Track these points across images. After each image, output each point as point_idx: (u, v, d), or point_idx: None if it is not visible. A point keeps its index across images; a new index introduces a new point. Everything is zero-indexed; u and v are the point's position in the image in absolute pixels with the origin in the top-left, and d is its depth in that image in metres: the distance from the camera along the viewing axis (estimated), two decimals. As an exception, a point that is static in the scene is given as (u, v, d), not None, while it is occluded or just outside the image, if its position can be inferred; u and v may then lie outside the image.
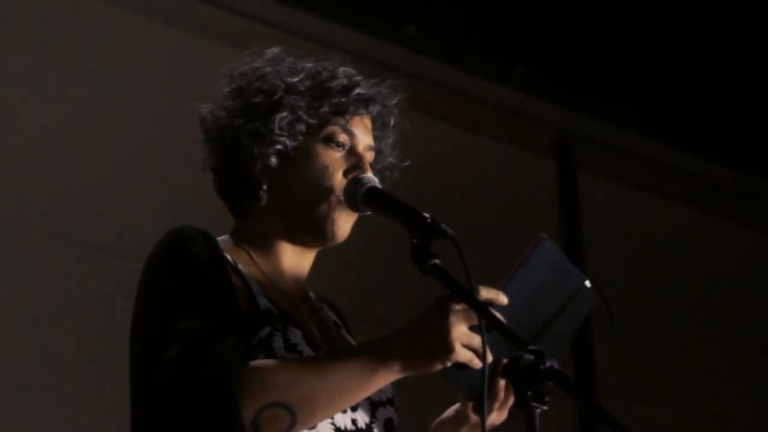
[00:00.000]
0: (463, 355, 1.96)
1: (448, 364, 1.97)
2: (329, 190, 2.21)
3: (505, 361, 2.00)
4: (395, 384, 2.10)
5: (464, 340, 1.96)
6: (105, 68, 4.57)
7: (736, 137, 6.06)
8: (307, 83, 2.24)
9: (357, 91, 2.26)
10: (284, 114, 2.21)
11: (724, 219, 6.32)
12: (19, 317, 4.23)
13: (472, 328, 1.97)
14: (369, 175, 2.21)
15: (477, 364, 1.96)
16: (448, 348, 1.96)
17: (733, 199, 6.31)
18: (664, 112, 5.88)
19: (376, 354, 2.00)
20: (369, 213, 2.21)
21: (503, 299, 2.03)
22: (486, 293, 2.02)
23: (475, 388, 1.99)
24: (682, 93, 5.80)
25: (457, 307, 1.97)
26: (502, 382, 2.08)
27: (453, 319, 1.96)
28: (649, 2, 5.45)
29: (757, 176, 6.24)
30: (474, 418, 2.20)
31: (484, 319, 1.95)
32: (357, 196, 2.18)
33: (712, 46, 5.63)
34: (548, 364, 1.89)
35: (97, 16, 4.63)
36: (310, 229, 2.23)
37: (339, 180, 2.21)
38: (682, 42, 5.60)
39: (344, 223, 2.22)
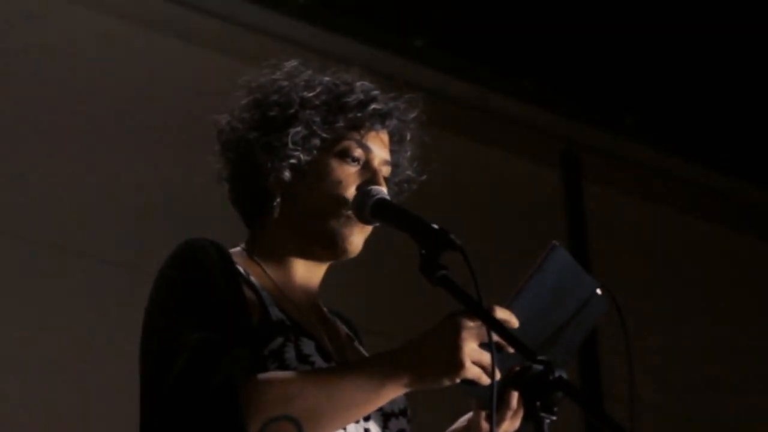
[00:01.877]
0: (472, 372, 1.96)
1: (457, 380, 1.97)
2: (342, 205, 2.20)
3: (517, 368, 2.00)
4: (407, 393, 2.10)
5: (474, 357, 1.96)
6: (110, 78, 4.59)
7: (742, 147, 6.05)
8: (323, 97, 2.24)
9: (373, 106, 2.25)
10: (298, 128, 2.21)
11: (731, 228, 6.31)
12: (20, 328, 4.23)
13: (482, 345, 1.97)
14: (377, 186, 2.20)
15: (485, 381, 1.96)
16: (458, 364, 1.95)
17: (739, 209, 6.31)
18: (669, 122, 5.88)
19: (384, 368, 2.00)
20: (377, 224, 2.21)
21: (514, 322, 2.01)
22: (500, 313, 2.01)
23: (487, 399, 1.98)
24: (687, 103, 5.80)
25: (470, 324, 1.97)
26: (514, 391, 2.07)
27: (465, 334, 1.96)
28: (656, 14, 5.45)
29: (764, 186, 6.24)
30: (486, 426, 2.20)
31: (492, 329, 1.95)
32: (365, 207, 2.18)
33: (719, 56, 5.63)
34: (557, 374, 1.89)
35: (101, 27, 4.64)
36: (322, 244, 2.22)
37: (352, 195, 2.20)
38: (689, 53, 5.60)
39: (356, 238, 2.22)
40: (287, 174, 2.21)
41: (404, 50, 5.20)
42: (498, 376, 1.96)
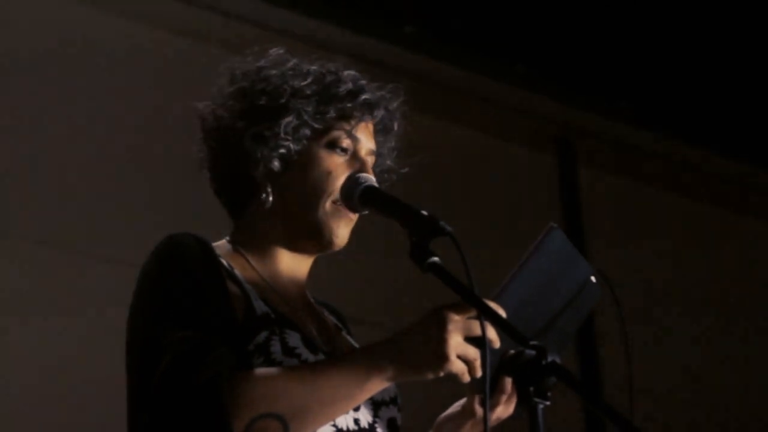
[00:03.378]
0: (456, 366, 1.95)
1: (441, 374, 1.96)
2: (330, 195, 2.19)
3: (512, 352, 1.98)
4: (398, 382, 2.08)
5: (460, 351, 1.95)
6: (101, 73, 4.59)
7: (735, 129, 6.06)
8: (314, 87, 2.22)
9: (363, 96, 2.24)
10: (290, 118, 2.20)
11: (727, 210, 6.32)
12: (15, 324, 4.24)
13: (468, 340, 1.96)
14: (366, 174, 2.20)
15: (467, 378, 1.96)
16: (442, 358, 1.94)
17: (734, 191, 6.32)
18: (663, 106, 5.88)
19: (368, 361, 1.99)
20: (366, 212, 2.20)
21: (503, 314, 1.99)
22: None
23: (481, 383, 1.97)
24: (681, 87, 5.81)
25: (456, 317, 1.95)
26: (507, 376, 2.07)
27: (451, 327, 1.95)
28: (649, -2, 5.46)
29: (757, 167, 6.24)
30: (480, 411, 2.20)
31: (483, 315, 1.94)
32: (354, 194, 2.17)
33: (712, 39, 5.63)
34: (550, 359, 1.88)
35: (98, 22, 4.65)
36: (309, 235, 2.21)
37: (340, 185, 2.20)
38: (681, 36, 5.60)
39: (342, 230, 2.21)
40: (276, 164, 2.20)
41: (394, 37, 5.20)
42: (480, 372, 1.96)
